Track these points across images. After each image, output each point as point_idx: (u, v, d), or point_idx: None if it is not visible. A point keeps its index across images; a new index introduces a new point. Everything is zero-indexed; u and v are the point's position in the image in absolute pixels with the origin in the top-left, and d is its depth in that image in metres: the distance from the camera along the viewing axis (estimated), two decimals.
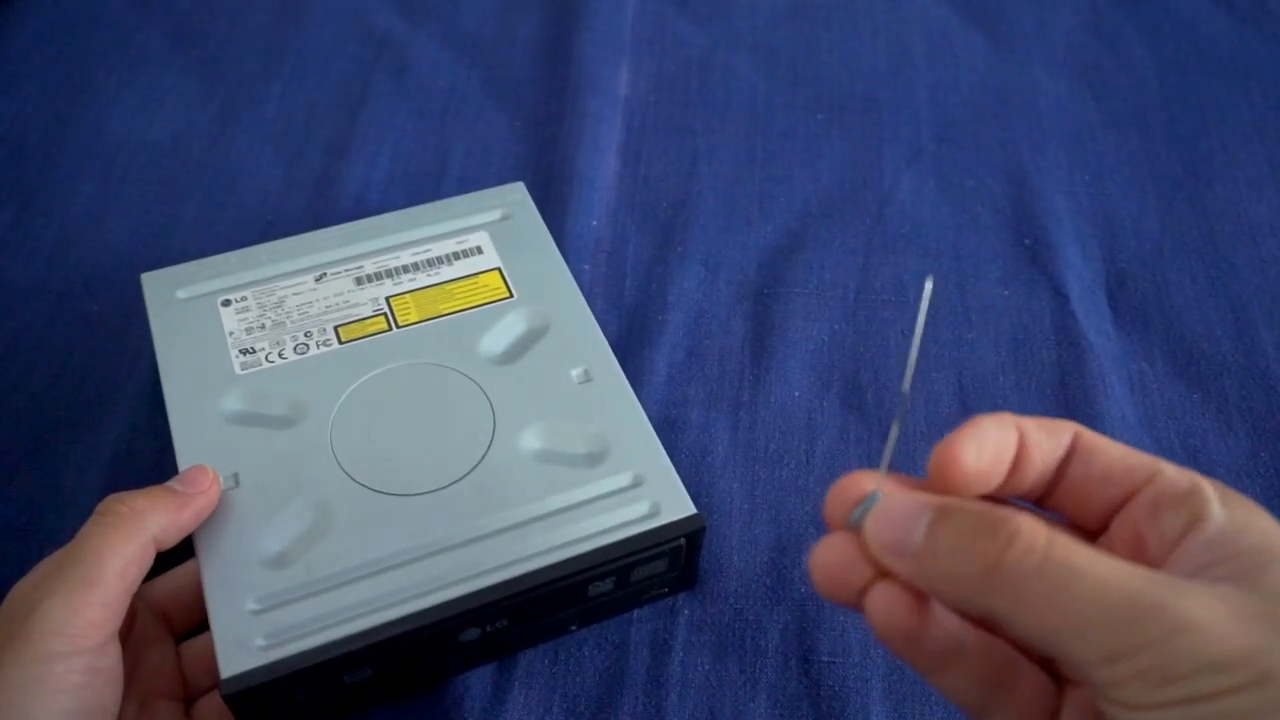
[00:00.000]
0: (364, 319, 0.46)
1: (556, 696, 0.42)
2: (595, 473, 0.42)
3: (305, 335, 0.46)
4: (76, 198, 0.59)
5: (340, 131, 0.62)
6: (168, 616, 0.40)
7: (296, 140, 0.62)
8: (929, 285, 0.29)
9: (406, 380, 0.45)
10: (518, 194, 0.53)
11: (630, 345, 0.52)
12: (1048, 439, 0.29)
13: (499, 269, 0.49)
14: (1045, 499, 0.29)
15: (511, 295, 0.48)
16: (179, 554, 0.40)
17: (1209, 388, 0.52)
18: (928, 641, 0.27)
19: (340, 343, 0.46)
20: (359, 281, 0.48)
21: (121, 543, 0.36)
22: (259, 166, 0.61)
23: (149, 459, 0.49)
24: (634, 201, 0.59)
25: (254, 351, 0.45)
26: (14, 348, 0.52)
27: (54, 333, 0.53)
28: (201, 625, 0.40)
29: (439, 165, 0.61)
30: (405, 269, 0.48)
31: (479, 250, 0.50)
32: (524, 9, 0.69)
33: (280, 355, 0.45)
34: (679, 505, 0.41)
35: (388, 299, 0.47)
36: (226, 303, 0.47)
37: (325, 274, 0.48)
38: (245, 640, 0.36)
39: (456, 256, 0.49)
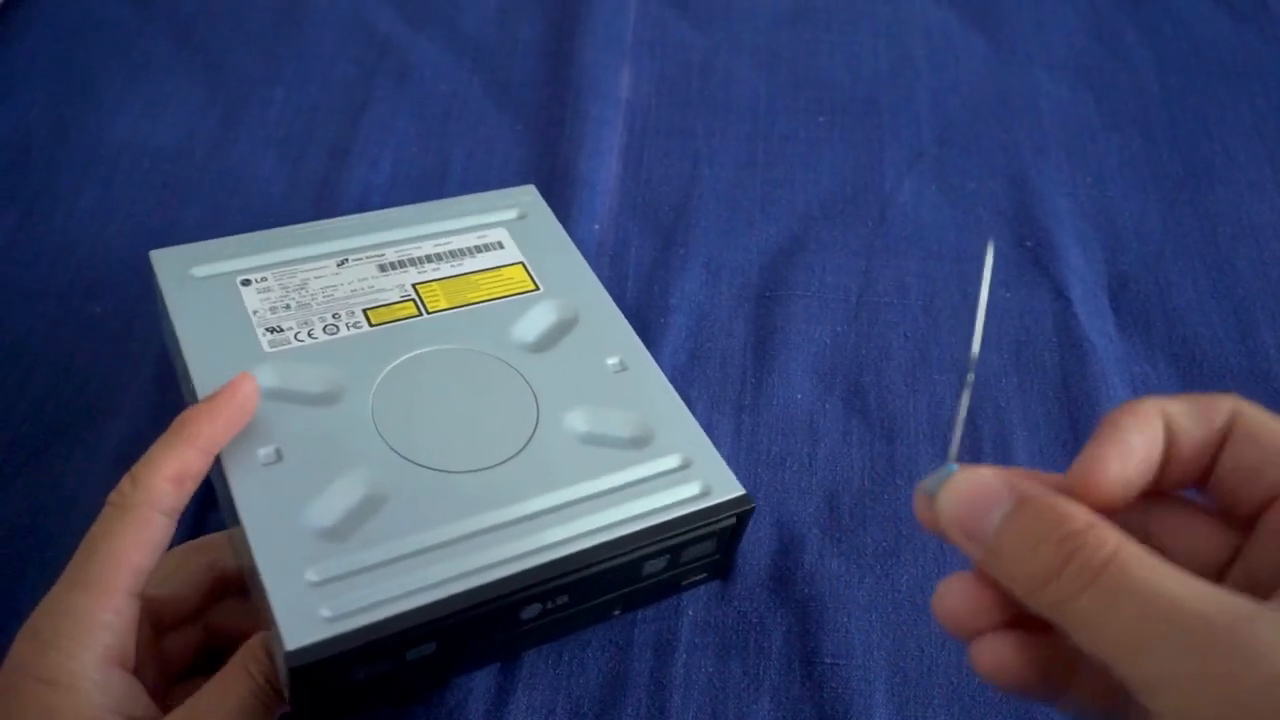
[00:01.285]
0: (392, 304, 0.46)
1: (560, 698, 0.42)
2: (642, 455, 0.42)
3: (334, 317, 0.45)
4: (80, 202, 0.59)
5: (342, 135, 0.63)
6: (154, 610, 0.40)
7: (299, 144, 0.62)
8: (990, 251, 0.28)
9: (443, 363, 0.45)
10: (530, 195, 0.53)
11: None
12: (1197, 424, 0.26)
13: (522, 263, 0.49)
14: (1200, 484, 0.27)
15: (538, 288, 0.48)
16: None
17: (1211, 389, 0.52)
18: (1036, 687, 0.26)
19: (370, 326, 0.45)
20: (382, 268, 0.48)
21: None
22: (261, 170, 0.61)
23: None
24: (635, 204, 0.59)
25: (281, 330, 0.45)
26: (17, 350, 0.52)
27: (57, 335, 0.53)
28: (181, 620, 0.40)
29: (441, 168, 0.61)
30: (429, 259, 0.49)
31: (500, 245, 0.50)
32: (525, 12, 0.69)
33: (310, 335, 0.45)
34: (728, 486, 0.41)
35: (414, 286, 0.47)
36: (246, 282, 0.46)
37: (347, 260, 0.48)
38: (309, 612, 0.36)
39: (478, 250, 0.49)
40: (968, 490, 0.26)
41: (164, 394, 0.50)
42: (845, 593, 0.45)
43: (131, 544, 0.36)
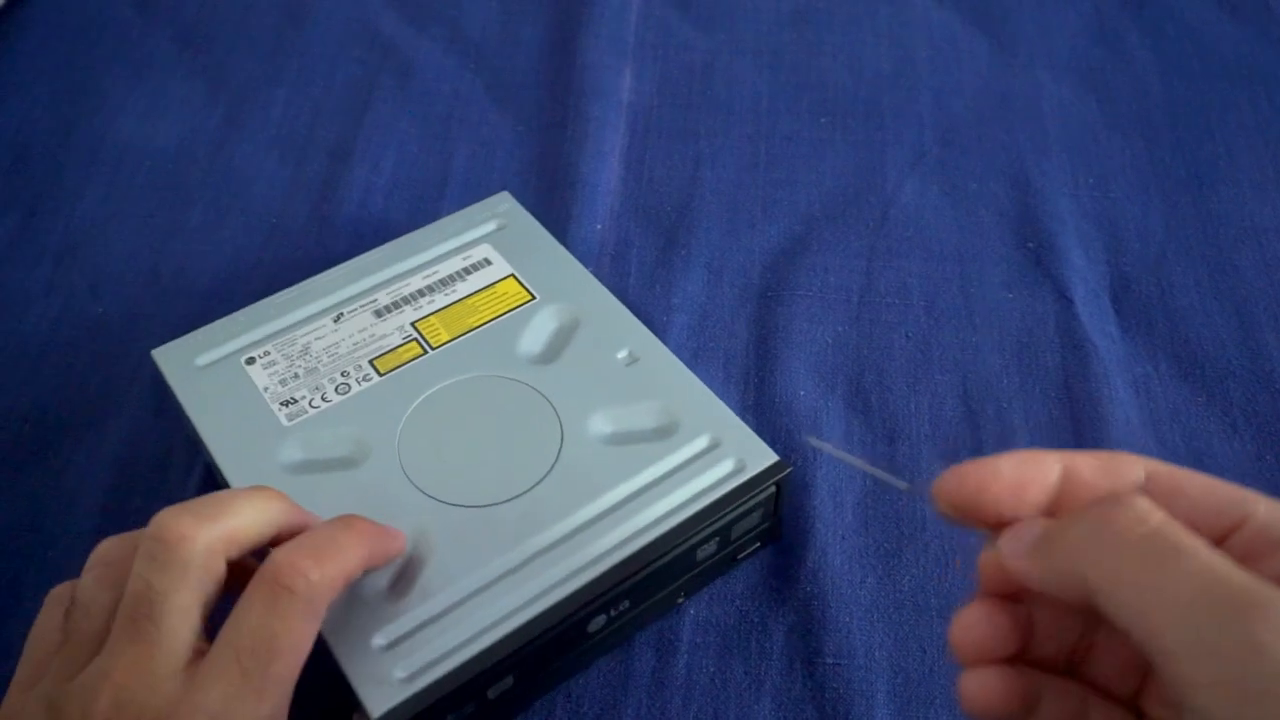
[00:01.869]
0: (396, 348, 0.46)
1: (560, 698, 0.42)
2: (671, 443, 0.42)
3: (343, 375, 0.45)
4: (82, 202, 0.59)
5: (344, 136, 0.63)
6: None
7: (301, 145, 0.62)
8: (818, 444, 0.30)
9: (459, 396, 0.45)
10: (507, 203, 0.53)
11: None
12: (1104, 476, 0.27)
13: (513, 275, 0.49)
14: None
15: (534, 297, 0.48)
16: None
17: (1214, 391, 0.52)
18: (1012, 715, 0.27)
19: (380, 375, 0.45)
20: (378, 314, 0.48)
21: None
22: (263, 171, 0.61)
23: (152, 460, 0.49)
24: (637, 205, 0.59)
25: (295, 401, 0.44)
26: (20, 350, 0.52)
27: (59, 335, 0.53)
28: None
29: (442, 170, 0.61)
30: (421, 293, 0.48)
31: (487, 262, 0.50)
32: (527, 13, 0.70)
33: (323, 399, 0.45)
34: (761, 456, 0.42)
35: (413, 324, 0.47)
36: (251, 360, 0.46)
37: (342, 314, 0.48)
38: (384, 677, 0.36)
39: (467, 272, 0.49)
40: (1019, 530, 0.27)
41: (164, 394, 0.50)
42: (847, 593, 0.45)
43: (307, 642, 0.32)
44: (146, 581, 0.32)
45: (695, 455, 0.42)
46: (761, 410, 0.50)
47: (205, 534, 0.33)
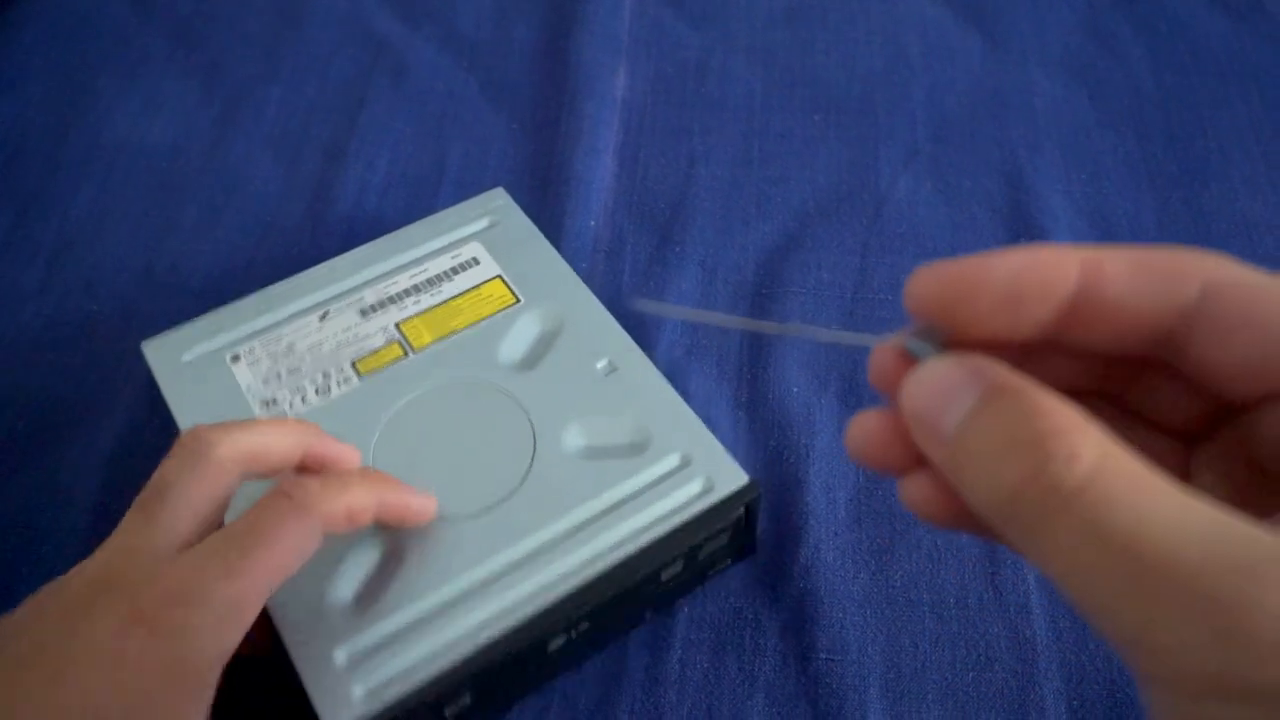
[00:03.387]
0: (378, 349, 0.46)
1: (555, 696, 0.42)
2: (643, 460, 0.42)
3: (324, 376, 0.45)
4: (77, 200, 0.59)
5: (339, 134, 0.63)
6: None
7: (295, 143, 0.62)
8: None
9: (436, 403, 0.45)
10: (500, 199, 0.53)
11: None
12: (1146, 287, 0.21)
13: (500, 276, 0.49)
14: (1179, 359, 0.22)
15: (519, 300, 0.48)
16: None
17: None
18: (969, 526, 0.22)
19: (360, 377, 0.45)
20: (363, 313, 0.48)
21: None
22: (258, 169, 0.61)
23: (147, 459, 0.49)
24: (631, 203, 0.59)
25: (276, 402, 0.45)
26: (13, 347, 0.52)
27: (54, 333, 0.53)
28: None
29: (437, 168, 0.61)
30: (407, 293, 0.48)
31: (475, 261, 0.50)
32: (521, 12, 0.70)
33: (303, 400, 0.45)
34: (732, 477, 0.41)
35: (397, 325, 0.47)
36: (235, 358, 0.46)
37: (328, 312, 0.48)
38: (344, 695, 0.36)
39: (455, 271, 0.49)
40: (930, 375, 0.21)
41: (159, 392, 0.50)
42: (840, 588, 0.45)
43: (294, 549, 0.34)
44: (161, 473, 0.35)
45: (665, 474, 0.42)
46: (754, 407, 0.50)
47: (224, 442, 0.35)
